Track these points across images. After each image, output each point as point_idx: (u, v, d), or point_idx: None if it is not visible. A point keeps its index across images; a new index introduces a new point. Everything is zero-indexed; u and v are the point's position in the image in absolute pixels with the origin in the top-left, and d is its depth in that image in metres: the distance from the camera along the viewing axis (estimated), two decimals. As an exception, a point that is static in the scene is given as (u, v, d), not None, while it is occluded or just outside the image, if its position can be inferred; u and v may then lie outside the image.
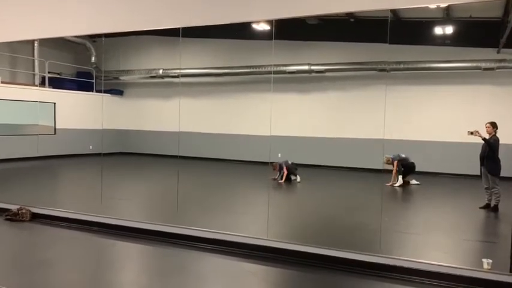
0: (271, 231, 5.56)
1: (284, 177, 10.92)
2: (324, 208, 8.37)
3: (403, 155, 10.61)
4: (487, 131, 7.61)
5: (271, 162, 11.20)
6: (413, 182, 10.70)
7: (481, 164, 7.78)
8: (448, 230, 6.95)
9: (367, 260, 4.72)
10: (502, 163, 7.63)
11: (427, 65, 12.74)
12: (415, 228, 6.95)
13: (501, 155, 7.60)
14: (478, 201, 8.09)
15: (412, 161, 10.69)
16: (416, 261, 4.57)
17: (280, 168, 11.09)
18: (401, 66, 12.75)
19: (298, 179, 11.04)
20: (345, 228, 6.78)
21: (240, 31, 14.17)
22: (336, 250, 4.88)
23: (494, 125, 7.63)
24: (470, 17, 11.83)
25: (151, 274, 4.71)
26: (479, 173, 7.89)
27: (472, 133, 7.45)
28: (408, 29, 11.77)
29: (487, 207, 7.82)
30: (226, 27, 5.69)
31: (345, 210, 8.16)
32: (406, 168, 10.61)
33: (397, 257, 4.69)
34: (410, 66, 12.79)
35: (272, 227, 5.82)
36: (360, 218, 7.64)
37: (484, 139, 7.55)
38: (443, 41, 12.38)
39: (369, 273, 4.63)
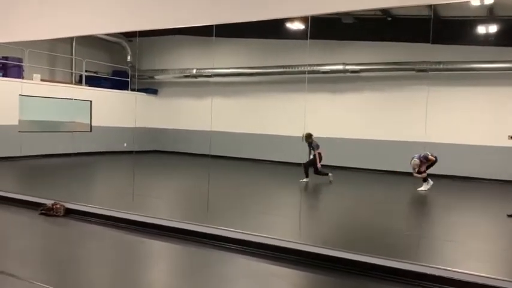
0: (301, 234, 5.42)
1: (319, 161, 10.54)
2: (358, 212, 8.13)
3: (428, 153, 9.87)
4: None
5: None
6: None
7: None
8: (486, 238, 6.61)
9: (403, 268, 4.49)
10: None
11: (468, 66, 12.20)
12: (452, 236, 6.64)
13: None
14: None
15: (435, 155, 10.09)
16: (459, 272, 4.31)
17: (315, 147, 10.67)
18: (441, 66, 12.29)
19: (331, 178, 10.76)
20: (382, 233, 6.55)
21: (274, 30, 14.06)
22: (370, 256, 4.68)
23: None
24: (515, 15, 11.29)
25: (177, 273, 4.67)
26: None
27: None
28: (448, 28, 11.34)
29: None
30: (260, 27, 5.62)
31: (380, 215, 7.90)
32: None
33: (436, 266, 4.45)
34: (450, 66, 12.31)
35: (303, 229, 5.68)
36: (395, 223, 7.38)
37: None
38: (486, 40, 11.83)
39: (403, 282, 4.40)
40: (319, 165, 10.65)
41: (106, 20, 6.70)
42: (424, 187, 9.91)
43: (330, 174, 10.78)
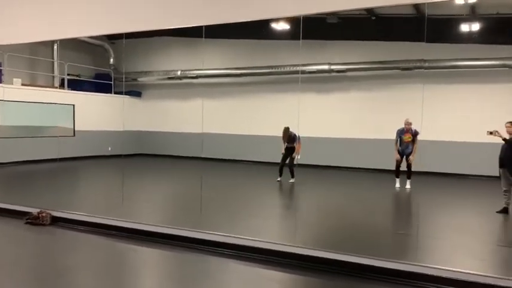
0: (292, 236, 5.36)
1: (299, 153, 10.58)
2: (347, 212, 8.12)
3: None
4: (507, 131, 7.25)
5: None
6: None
7: (500, 166, 7.40)
8: (477, 235, 6.65)
9: (395, 268, 4.47)
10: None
11: (452, 63, 12.33)
12: (441, 233, 6.66)
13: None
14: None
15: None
16: (455, 271, 4.30)
17: (293, 140, 10.71)
18: (426, 64, 12.39)
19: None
20: (373, 233, 6.54)
21: (259, 31, 14.00)
22: (364, 257, 4.64)
23: None
24: (497, 13, 11.43)
25: (173, 281, 4.55)
26: (498, 175, 7.53)
27: (491, 133, 7.15)
28: (433, 27, 11.44)
29: (504, 211, 7.41)
30: (245, 27, 5.56)
31: (369, 215, 7.89)
32: None
33: (429, 265, 4.44)
34: (435, 64, 12.42)
35: (292, 231, 5.62)
36: (385, 222, 7.39)
37: (504, 139, 7.22)
38: (470, 38, 11.97)
39: (396, 282, 4.37)
40: (299, 156, 10.62)
41: (91, 23, 6.53)
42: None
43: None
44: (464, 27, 11.91)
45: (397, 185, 10.22)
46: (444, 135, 12.29)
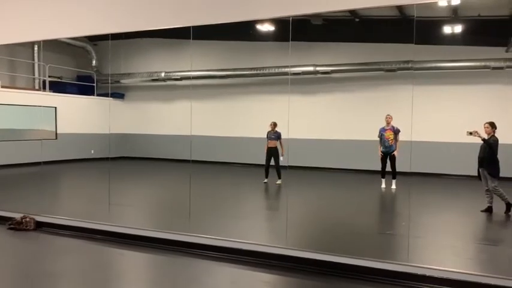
0: (281, 238, 5.33)
1: (283, 151, 10.66)
2: (336, 212, 8.14)
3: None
4: (485, 131, 7.40)
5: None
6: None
7: (480, 166, 7.53)
8: (463, 234, 6.73)
9: (386, 268, 4.49)
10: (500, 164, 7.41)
11: (435, 65, 12.51)
12: (428, 232, 6.72)
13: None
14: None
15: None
16: (444, 270, 4.34)
17: (278, 137, 10.76)
18: (409, 65, 12.53)
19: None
20: (363, 234, 6.55)
21: (244, 32, 13.97)
22: (353, 258, 4.65)
23: (493, 125, 7.42)
24: (479, 15, 11.62)
25: (162, 286, 4.47)
26: (476, 174, 7.66)
27: (471, 133, 7.28)
28: (417, 28, 11.57)
29: (488, 210, 7.53)
30: (230, 28, 5.52)
31: (357, 215, 7.93)
32: None
33: (418, 265, 4.47)
34: (418, 66, 12.57)
35: (284, 233, 5.59)
36: (372, 223, 7.42)
37: (483, 139, 7.35)
38: (452, 40, 12.16)
39: (387, 282, 4.39)
40: (282, 158, 10.69)
41: (73, 24, 6.42)
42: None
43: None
44: (447, 29, 12.08)
45: (383, 185, 10.31)
46: (429, 136, 12.42)
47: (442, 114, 12.53)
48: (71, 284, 4.57)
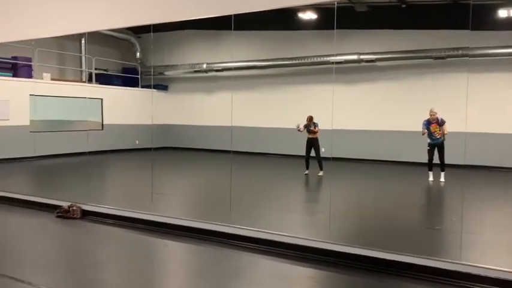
0: (325, 232, 5.18)
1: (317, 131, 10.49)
2: (381, 206, 7.87)
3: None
4: None
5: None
6: None
7: None
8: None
9: (437, 266, 4.24)
10: None
11: (491, 51, 11.74)
12: (481, 229, 6.35)
13: None
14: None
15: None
16: (502, 271, 4.05)
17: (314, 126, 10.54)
18: (460, 52, 11.88)
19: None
20: (414, 230, 6.29)
21: (285, 21, 13.77)
22: (401, 255, 4.43)
23: None
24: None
25: (205, 278, 4.44)
26: None
27: None
28: (469, 13, 10.96)
29: None
30: (271, 18, 5.38)
31: (404, 208, 7.63)
32: None
33: (471, 264, 4.20)
34: (470, 52, 11.90)
35: (329, 226, 5.44)
36: (420, 217, 7.12)
37: None
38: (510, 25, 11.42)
39: (438, 281, 4.15)
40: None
41: (116, 15, 6.46)
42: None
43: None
44: (503, 13, 11.36)
45: (430, 178, 9.87)
46: (484, 127, 11.76)
47: (500, 104, 11.84)
48: (113, 272, 4.62)
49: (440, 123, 9.64)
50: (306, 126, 10.69)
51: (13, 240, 5.66)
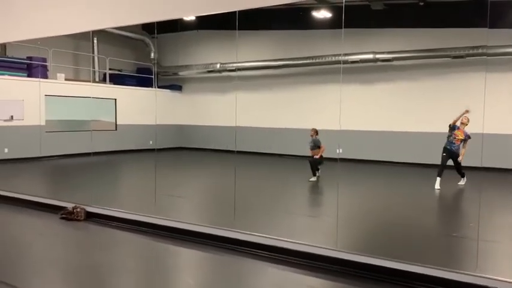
0: (333, 238, 4.94)
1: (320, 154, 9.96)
2: (394, 211, 7.57)
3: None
4: None
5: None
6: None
7: None
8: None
9: (457, 279, 3.97)
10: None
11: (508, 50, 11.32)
12: (500, 236, 6.02)
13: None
14: None
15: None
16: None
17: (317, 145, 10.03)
18: (479, 51, 11.46)
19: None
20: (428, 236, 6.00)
21: (299, 20, 13.54)
22: (414, 265, 4.17)
23: None
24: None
25: (206, 284, 4.26)
26: None
27: None
28: (491, 11, 10.55)
29: None
30: (284, 17, 5.19)
31: (418, 213, 7.32)
32: None
33: (492, 277, 3.91)
34: (490, 51, 11.46)
35: (332, 233, 5.19)
36: (436, 223, 6.81)
37: None
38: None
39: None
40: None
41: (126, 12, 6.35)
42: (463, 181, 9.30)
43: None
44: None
45: (437, 186, 9.04)
46: (502, 128, 11.31)
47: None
48: (116, 276, 4.48)
49: (466, 137, 9.10)
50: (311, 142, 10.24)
51: (13, 240, 5.57)
